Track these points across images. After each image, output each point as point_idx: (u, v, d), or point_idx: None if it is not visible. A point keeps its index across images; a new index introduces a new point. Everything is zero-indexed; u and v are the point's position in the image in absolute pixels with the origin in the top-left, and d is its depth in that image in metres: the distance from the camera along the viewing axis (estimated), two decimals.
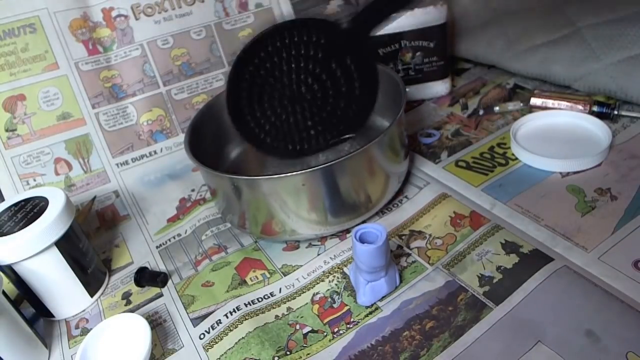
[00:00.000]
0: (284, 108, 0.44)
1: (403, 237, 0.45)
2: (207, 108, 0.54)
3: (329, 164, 0.40)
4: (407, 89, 0.52)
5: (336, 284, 0.42)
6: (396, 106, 0.46)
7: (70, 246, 0.43)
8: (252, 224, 0.46)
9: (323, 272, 0.44)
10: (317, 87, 0.43)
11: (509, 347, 0.34)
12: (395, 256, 0.43)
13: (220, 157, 0.56)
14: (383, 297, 0.40)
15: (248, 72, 0.42)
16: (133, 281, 0.47)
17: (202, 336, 0.41)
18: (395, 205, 0.49)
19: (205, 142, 0.51)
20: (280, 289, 0.43)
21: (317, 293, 0.42)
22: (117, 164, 0.58)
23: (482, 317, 0.36)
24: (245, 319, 0.41)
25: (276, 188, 0.42)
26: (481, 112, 0.60)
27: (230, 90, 0.43)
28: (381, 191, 0.46)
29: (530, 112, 0.56)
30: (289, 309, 0.41)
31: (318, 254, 0.46)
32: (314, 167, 0.40)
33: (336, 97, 0.44)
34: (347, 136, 0.46)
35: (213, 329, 0.41)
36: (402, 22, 0.59)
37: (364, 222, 0.46)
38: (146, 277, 0.46)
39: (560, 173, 0.48)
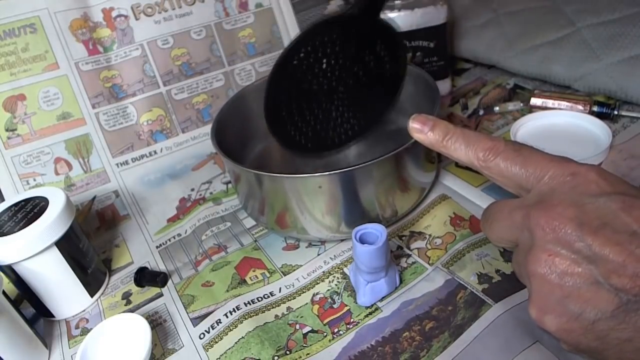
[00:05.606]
0: (320, 107, 0.43)
1: (403, 238, 0.45)
2: (233, 101, 0.54)
3: (349, 168, 0.39)
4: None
5: (336, 284, 0.42)
6: (427, 104, 0.45)
7: (70, 246, 0.43)
8: (269, 213, 0.46)
9: (323, 272, 0.44)
10: (352, 81, 0.42)
11: (507, 344, 0.34)
12: (396, 257, 0.43)
13: (245, 147, 0.56)
14: (383, 297, 0.40)
15: (288, 75, 0.41)
16: (133, 281, 0.47)
17: (202, 336, 0.41)
18: None
19: (230, 134, 0.51)
20: (280, 289, 0.43)
21: (317, 293, 0.42)
22: (117, 164, 0.58)
23: (481, 314, 0.36)
24: (245, 319, 0.41)
25: (298, 186, 0.42)
26: (481, 112, 0.60)
27: (269, 94, 0.41)
28: (408, 203, 0.46)
29: (530, 112, 0.56)
30: (288, 308, 0.41)
31: (318, 254, 0.46)
32: (335, 170, 0.39)
33: (368, 84, 0.43)
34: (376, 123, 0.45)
35: (213, 329, 0.41)
36: (402, 22, 0.59)
37: None
38: (146, 277, 0.46)
39: None
